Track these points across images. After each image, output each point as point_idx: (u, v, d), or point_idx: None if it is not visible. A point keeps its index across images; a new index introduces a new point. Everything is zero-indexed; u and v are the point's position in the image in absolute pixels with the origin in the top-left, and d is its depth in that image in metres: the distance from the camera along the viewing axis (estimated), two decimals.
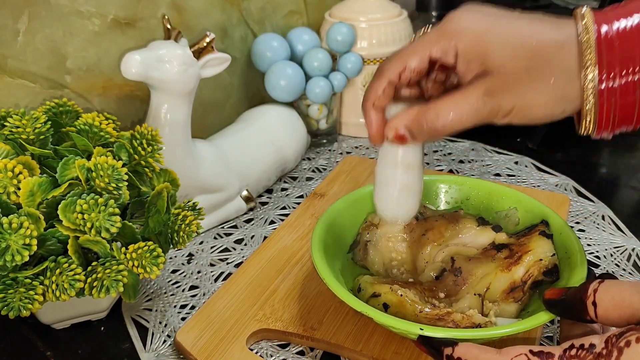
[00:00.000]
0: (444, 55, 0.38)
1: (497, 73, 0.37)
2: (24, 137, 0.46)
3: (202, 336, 0.47)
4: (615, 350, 0.30)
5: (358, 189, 0.55)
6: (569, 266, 0.44)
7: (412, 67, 0.39)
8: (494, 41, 0.37)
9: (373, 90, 0.41)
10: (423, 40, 0.39)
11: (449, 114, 0.38)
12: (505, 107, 0.37)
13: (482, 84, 0.37)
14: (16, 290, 0.40)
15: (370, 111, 0.42)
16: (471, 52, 0.37)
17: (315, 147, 0.81)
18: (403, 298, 0.42)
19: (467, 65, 0.38)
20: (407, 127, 0.40)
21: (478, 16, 0.38)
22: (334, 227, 0.50)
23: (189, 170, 0.58)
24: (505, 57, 0.36)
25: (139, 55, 0.51)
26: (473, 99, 0.37)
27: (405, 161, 0.44)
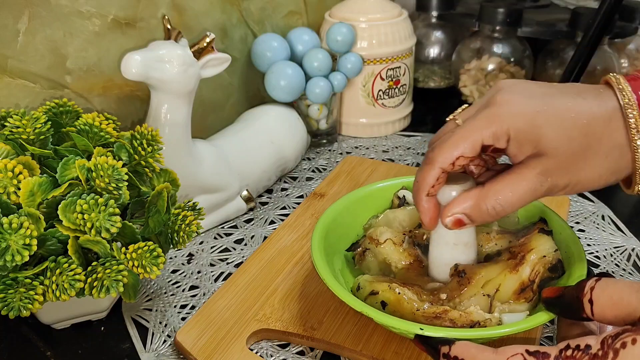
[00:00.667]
0: (496, 141, 0.38)
1: (551, 155, 0.37)
2: (24, 137, 0.46)
3: (202, 336, 0.47)
4: (611, 352, 0.30)
5: (358, 188, 0.55)
6: (569, 266, 0.44)
7: (465, 155, 0.38)
8: (546, 124, 0.37)
9: (426, 180, 0.40)
10: (473, 126, 0.38)
11: (509, 198, 0.38)
12: (561, 184, 0.38)
13: (536, 166, 0.37)
14: (16, 290, 0.40)
15: (423, 201, 0.41)
16: (523, 136, 0.37)
17: (315, 147, 0.81)
18: (401, 296, 0.42)
19: (519, 149, 0.38)
20: (466, 213, 0.40)
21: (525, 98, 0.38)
22: (334, 227, 0.50)
23: (189, 170, 0.58)
24: (559, 139, 0.37)
25: (139, 55, 0.51)
26: (530, 180, 0.37)
27: (462, 240, 0.44)
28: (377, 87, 0.81)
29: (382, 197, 0.55)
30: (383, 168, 0.72)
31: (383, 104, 0.83)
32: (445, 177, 0.40)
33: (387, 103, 0.83)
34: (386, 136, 0.85)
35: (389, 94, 0.83)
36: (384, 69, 0.80)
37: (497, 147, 0.38)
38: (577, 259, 0.44)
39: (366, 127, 0.84)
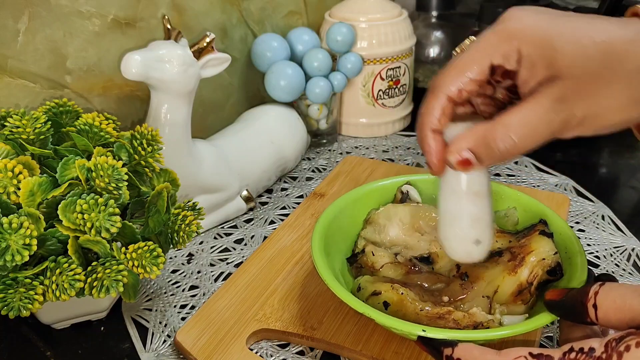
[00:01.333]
0: (506, 60, 0.34)
1: (566, 77, 0.32)
2: (24, 137, 0.46)
3: (202, 336, 0.47)
4: (614, 355, 0.29)
5: (357, 187, 0.55)
6: (569, 266, 0.44)
7: (473, 79, 0.34)
8: (562, 40, 0.32)
9: (430, 111, 0.36)
10: (480, 46, 0.35)
11: (520, 129, 0.33)
12: (579, 114, 0.33)
13: (551, 91, 0.33)
14: (16, 290, 0.40)
15: (428, 136, 0.36)
16: (536, 54, 0.33)
17: (315, 147, 0.81)
18: (404, 296, 0.42)
19: (530, 70, 0.34)
20: (473, 150, 0.35)
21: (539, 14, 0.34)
22: (334, 227, 0.50)
23: (189, 170, 0.58)
24: (575, 57, 0.32)
25: (139, 55, 0.51)
26: (544, 109, 0.33)
27: (473, 189, 0.39)
28: (377, 87, 0.81)
29: (382, 195, 0.55)
30: (383, 168, 0.72)
31: (383, 104, 0.83)
32: (452, 108, 0.36)
33: (387, 103, 0.83)
34: (386, 136, 0.85)
35: (389, 94, 0.83)
36: (384, 69, 0.80)
37: (507, 69, 0.34)
38: (578, 260, 0.44)
39: (366, 127, 0.84)
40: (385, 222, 0.51)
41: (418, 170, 0.73)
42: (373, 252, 0.49)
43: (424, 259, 0.49)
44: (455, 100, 0.35)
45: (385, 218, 0.52)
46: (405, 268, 0.48)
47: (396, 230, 0.51)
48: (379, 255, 0.49)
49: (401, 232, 0.51)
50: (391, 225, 0.51)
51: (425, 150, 0.37)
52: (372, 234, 0.52)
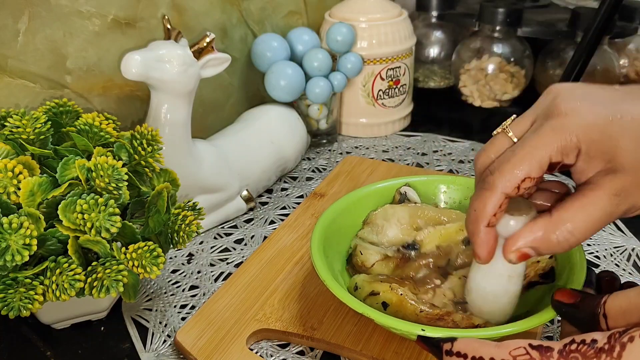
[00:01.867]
0: (565, 157, 0.34)
1: (627, 170, 0.32)
2: (24, 137, 0.46)
3: (202, 336, 0.47)
4: (618, 346, 0.29)
5: (357, 189, 0.55)
6: (569, 265, 0.44)
7: (532, 176, 0.34)
8: (622, 135, 0.32)
9: (486, 208, 0.35)
10: (536, 141, 0.34)
11: (581, 225, 0.34)
12: (639, 204, 0.33)
13: (611, 185, 0.33)
14: (16, 290, 0.40)
15: (481, 232, 0.36)
16: (596, 149, 0.33)
17: (315, 147, 0.81)
18: (403, 297, 0.43)
19: (588, 163, 0.34)
20: (534, 247, 0.35)
21: (593, 105, 0.34)
22: (333, 228, 0.50)
23: (189, 170, 0.58)
24: (637, 151, 0.32)
25: (139, 55, 0.51)
26: (604, 203, 0.33)
27: (517, 272, 0.40)
28: (377, 87, 0.81)
29: (381, 197, 0.55)
30: (383, 168, 0.72)
31: (383, 104, 0.83)
32: (507, 203, 0.35)
33: (387, 103, 0.83)
34: (386, 136, 0.85)
35: (389, 94, 0.83)
36: (384, 69, 0.80)
37: (566, 164, 0.34)
38: (577, 258, 0.44)
39: (366, 127, 0.84)
40: (383, 223, 0.51)
41: (417, 170, 0.74)
42: (361, 252, 0.49)
43: (410, 245, 0.49)
44: (513, 197, 0.35)
45: (382, 218, 0.52)
46: (395, 261, 0.48)
47: (394, 230, 0.51)
48: (367, 253, 0.49)
49: (399, 232, 0.51)
50: (389, 226, 0.51)
51: (477, 244, 0.37)
52: (370, 234, 0.52)
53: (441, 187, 0.56)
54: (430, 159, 0.78)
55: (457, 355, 0.33)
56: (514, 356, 0.31)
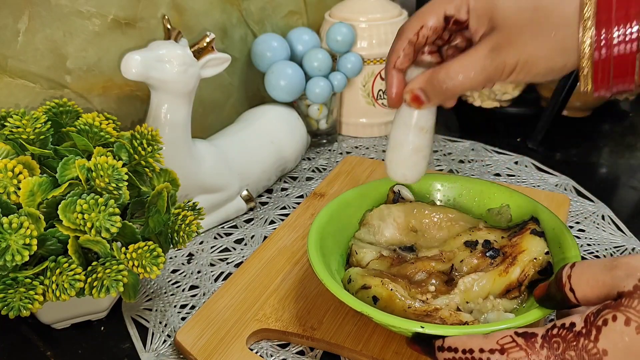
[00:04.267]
0: (457, 12, 0.40)
1: (501, 28, 0.38)
2: (24, 137, 0.46)
3: (202, 336, 0.47)
4: (594, 329, 0.31)
5: (354, 187, 0.55)
6: (563, 260, 0.44)
7: (429, 25, 0.41)
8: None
9: (394, 51, 0.43)
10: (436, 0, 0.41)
11: (458, 73, 0.39)
12: (510, 62, 0.38)
13: (488, 41, 0.38)
14: (16, 290, 0.40)
15: (391, 73, 0.43)
16: (480, 7, 0.39)
17: (315, 147, 0.81)
18: (393, 292, 0.43)
19: (477, 22, 0.40)
20: (422, 89, 0.42)
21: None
22: (330, 227, 0.50)
23: (189, 170, 0.58)
24: (509, 10, 0.37)
25: (139, 55, 0.51)
26: (480, 57, 0.38)
27: (419, 124, 0.45)
28: (377, 87, 0.81)
29: (377, 195, 0.55)
30: (383, 168, 0.72)
31: (383, 104, 0.83)
32: (412, 50, 0.42)
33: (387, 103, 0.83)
34: (386, 136, 0.85)
35: None
36: (384, 69, 0.80)
37: (459, 19, 0.41)
38: (571, 254, 0.44)
39: (366, 127, 0.84)
40: (379, 223, 0.52)
41: None
42: (357, 251, 0.49)
43: (407, 248, 0.50)
44: (415, 43, 0.42)
45: (378, 219, 0.52)
46: (390, 260, 0.48)
47: (391, 230, 0.52)
48: (362, 252, 0.49)
49: (396, 232, 0.51)
50: (386, 226, 0.52)
51: (387, 85, 0.44)
52: (367, 235, 0.52)
53: (436, 185, 0.56)
54: (430, 159, 0.77)
55: (448, 350, 0.35)
56: (501, 345, 0.33)
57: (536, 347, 0.32)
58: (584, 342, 0.31)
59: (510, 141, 0.81)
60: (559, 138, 0.81)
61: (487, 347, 0.34)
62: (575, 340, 0.31)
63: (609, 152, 0.79)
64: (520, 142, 0.81)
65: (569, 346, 0.31)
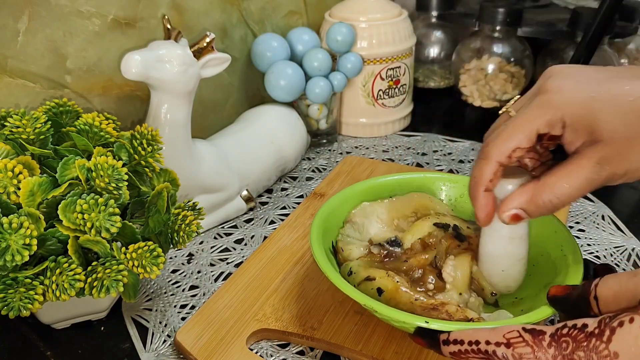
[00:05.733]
0: (551, 129, 0.37)
1: (607, 141, 0.36)
2: (24, 137, 0.46)
3: (202, 336, 0.47)
4: (607, 330, 0.30)
5: (355, 183, 0.55)
6: (565, 263, 0.44)
7: (521, 146, 0.38)
8: (602, 109, 0.36)
9: (483, 175, 0.40)
10: (526, 116, 0.38)
11: (566, 190, 0.37)
12: (620, 172, 0.36)
13: (593, 154, 0.36)
14: (16, 290, 0.40)
15: (480, 196, 0.41)
16: (579, 123, 0.36)
17: (315, 147, 0.81)
18: (399, 285, 0.43)
19: (574, 135, 0.37)
20: (523, 208, 0.39)
21: (579, 83, 0.37)
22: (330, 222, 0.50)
23: (189, 170, 0.58)
24: (615, 124, 0.35)
25: (139, 55, 0.51)
26: (587, 170, 0.36)
27: (517, 234, 0.43)
28: (377, 87, 0.81)
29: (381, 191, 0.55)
30: (383, 168, 0.72)
31: (383, 104, 0.83)
32: (502, 170, 0.40)
33: (387, 103, 0.83)
34: (386, 136, 0.85)
35: (389, 94, 0.83)
36: (384, 69, 0.80)
37: (554, 135, 0.38)
38: (573, 258, 0.44)
39: (366, 127, 0.84)
40: (363, 221, 0.52)
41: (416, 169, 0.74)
42: (343, 248, 0.49)
43: (393, 242, 0.49)
44: (506, 165, 0.39)
45: (362, 216, 0.52)
46: (378, 257, 0.48)
47: (376, 227, 0.51)
48: (348, 249, 0.49)
49: (381, 229, 0.51)
50: (370, 223, 0.51)
51: (477, 207, 0.41)
52: (353, 232, 0.51)
53: (439, 184, 0.56)
54: (430, 158, 0.78)
55: (454, 342, 0.35)
56: (507, 338, 0.33)
57: (543, 345, 0.32)
58: (595, 342, 0.30)
59: None
60: None
61: (493, 339, 0.33)
62: (586, 341, 0.30)
63: None
64: None
65: (579, 346, 0.30)
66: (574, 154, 0.38)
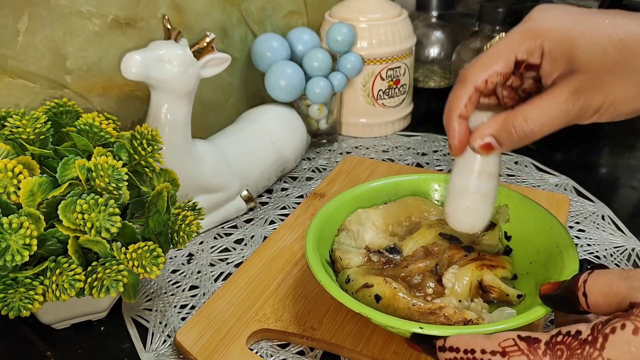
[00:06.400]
0: (529, 55, 0.38)
1: (584, 70, 0.36)
2: (24, 137, 0.46)
3: (202, 336, 0.47)
4: (600, 337, 0.30)
5: (352, 187, 0.55)
6: (561, 260, 0.44)
7: (499, 71, 0.38)
8: (580, 38, 0.36)
9: (458, 99, 0.40)
10: (506, 42, 0.38)
11: (538, 117, 0.37)
12: (594, 105, 0.36)
13: (569, 84, 0.36)
14: (16, 290, 0.40)
15: (454, 122, 0.40)
16: (557, 50, 0.37)
17: (315, 147, 0.81)
18: (397, 291, 0.43)
19: (552, 64, 0.37)
20: (495, 135, 0.39)
21: (561, 13, 0.37)
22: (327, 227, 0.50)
23: (189, 170, 0.58)
24: (593, 53, 0.35)
25: (139, 55, 0.51)
26: (562, 99, 0.36)
27: (488, 169, 0.42)
28: (377, 87, 0.81)
29: (376, 195, 0.55)
30: (383, 168, 0.72)
31: (383, 104, 0.83)
32: (478, 97, 0.39)
33: (387, 103, 0.83)
34: (386, 136, 0.85)
35: (389, 94, 0.83)
36: (384, 69, 0.80)
37: (531, 63, 0.38)
38: (569, 253, 0.44)
39: (366, 127, 0.84)
40: (358, 228, 0.52)
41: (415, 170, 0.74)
42: (341, 257, 0.49)
43: (392, 249, 0.49)
44: (482, 90, 0.39)
45: (357, 223, 0.52)
46: (379, 265, 0.48)
47: (371, 234, 0.51)
48: (347, 258, 0.49)
49: (376, 236, 0.51)
50: (365, 230, 0.51)
51: (450, 134, 0.41)
52: (348, 240, 0.51)
53: (434, 185, 0.56)
54: (430, 159, 0.78)
55: (449, 350, 0.35)
56: (503, 347, 0.33)
57: (538, 353, 0.32)
58: (589, 350, 0.30)
59: None
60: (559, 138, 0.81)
61: (488, 348, 0.33)
62: (580, 348, 0.30)
63: (609, 152, 0.79)
64: None
65: (573, 354, 0.30)
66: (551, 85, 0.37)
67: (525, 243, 0.49)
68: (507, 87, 0.41)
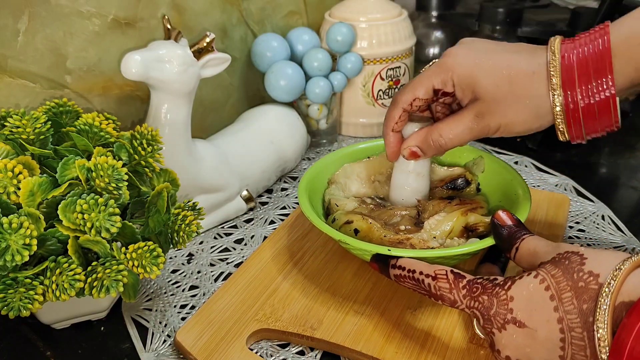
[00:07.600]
0: (444, 85, 0.47)
1: (483, 99, 0.45)
2: (24, 137, 0.46)
3: (202, 336, 0.47)
4: (509, 281, 0.37)
5: (347, 146, 0.61)
6: (518, 203, 0.51)
7: (420, 97, 0.48)
8: (481, 73, 0.45)
9: (391, 117, 0.50)
10: (427, 73, 0.47)
11: (448, 133, 0.47)
12: (493, 125, 0.45)
13: (473, 108, 0.46)
14: (16, 290, 0.40)
15: (389, 135, 0.51)
16: (464, 82, 0.46)
17: (315, 147, 0.81)
18: (372, 225, 0.50)
19: (462, 93, 0.46)
20: (418, 146, 0.50)
21: (469, 52, 0.46)
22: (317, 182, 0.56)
23: (189, 170, 0.58)
24: (489, 86, 0.44)
25: (139, 55, 0.51)
26: (467, 120, 0.46)
27: (416, 170, 0.53)
28: (377, 87, 0.81)
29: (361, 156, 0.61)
30: None
31: (383, 104, 0.83)
32: (407, 115, 0.50)
33: (387, 103, 0.83)
34: None
35: (389, 94, 0.83)
36: (383, 69, 0.80)
37: (446, 91, 0.47)
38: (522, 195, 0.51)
39: (366, 127, 0.84)
40: (345, 180, 0.58)
41: None
42: (337, 204, 0.55)
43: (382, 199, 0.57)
44: (409, 110, 0.49)
45: (344, 176, 0.59)
46: (371, 206, 0.55)
47: (356, 185, 0.59)
48: (343, 204, 0.55)
49: (361, 186, 0.59)
50: (351, 182, 0.59)
51: (386, 144, 0.52)
52: (337, 191, 0.57)
53: None
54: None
55: (398, 267, 0.43)
56: (436, 273, 0.40)
57: (459, 286, 0.39)
58: (498, 290, 0.37)
59: (510, 141, 0.81)
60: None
61: (425, 271, 0.41)
62: (491, 288, 0.38)
63: (609, 152, 0.79)
64: (520, 142, 0.81)
65: (485, 292, 0.38)
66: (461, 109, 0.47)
67: (492, 190, 0.57)
68: (440, 103, 0.50)
